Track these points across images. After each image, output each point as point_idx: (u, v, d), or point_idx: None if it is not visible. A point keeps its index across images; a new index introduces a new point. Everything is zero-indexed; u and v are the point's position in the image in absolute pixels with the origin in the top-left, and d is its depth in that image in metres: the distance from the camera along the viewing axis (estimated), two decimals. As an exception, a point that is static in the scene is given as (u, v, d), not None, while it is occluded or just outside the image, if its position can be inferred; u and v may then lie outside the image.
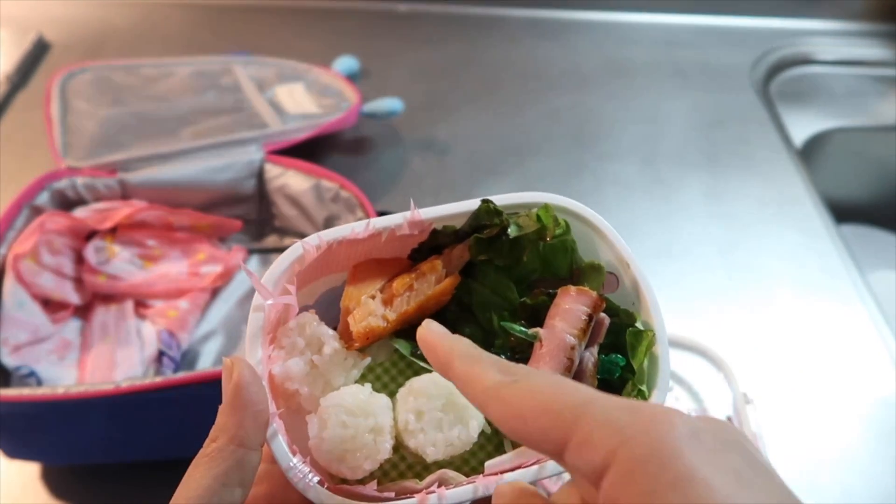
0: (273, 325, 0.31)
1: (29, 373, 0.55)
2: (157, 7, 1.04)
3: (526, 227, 0.33)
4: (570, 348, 0.31)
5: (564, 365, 0.30)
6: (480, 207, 0.33)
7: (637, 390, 0.31)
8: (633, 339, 0.32)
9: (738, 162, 0.84)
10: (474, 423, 0.31)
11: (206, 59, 0.84)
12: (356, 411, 0.30)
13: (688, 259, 0.73)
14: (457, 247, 0.34)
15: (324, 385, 0.31)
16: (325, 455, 0.30)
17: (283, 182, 0.68)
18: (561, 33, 1.03)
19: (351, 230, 0.32)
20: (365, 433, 0.30)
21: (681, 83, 0.95)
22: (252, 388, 0.27)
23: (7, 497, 0.54)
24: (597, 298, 0.32)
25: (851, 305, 0.70)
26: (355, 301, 0.32)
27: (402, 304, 0.32)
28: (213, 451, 0.26)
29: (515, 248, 0.34)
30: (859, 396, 0.62)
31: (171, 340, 0.59)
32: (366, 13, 1.04)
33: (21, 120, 0.86)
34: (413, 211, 0.33)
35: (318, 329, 0.32)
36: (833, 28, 1.04)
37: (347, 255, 0.34)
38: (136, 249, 0.64)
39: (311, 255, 0.32)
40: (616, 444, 0.19)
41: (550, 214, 0.34)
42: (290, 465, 0.28)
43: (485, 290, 0.35)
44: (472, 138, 0.86)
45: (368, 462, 0.30)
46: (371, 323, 0.32)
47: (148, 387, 0.48)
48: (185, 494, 0.25)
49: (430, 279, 0.33)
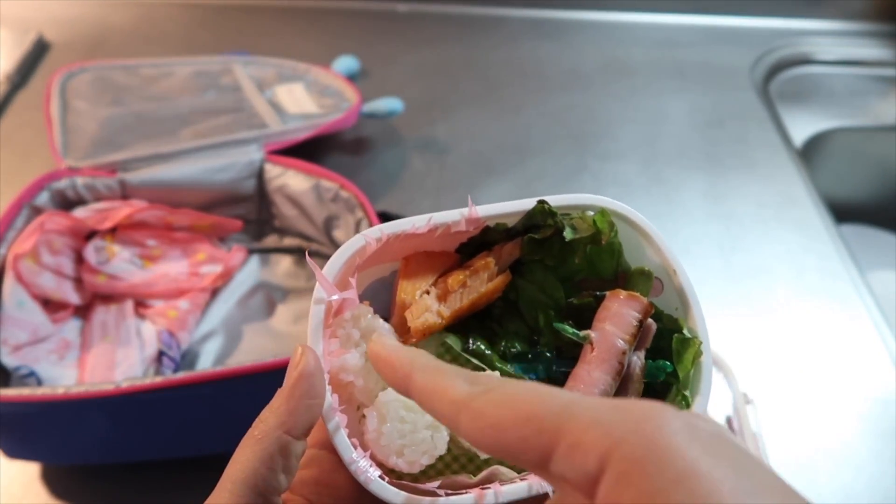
0: (326, 314, 0.32)
1: (29, 373, 0.55)
2: (156, 7, 1.04)
3: (581, 230, 0.34)
4: (622, 353, 0.31)
5: (616, 369, 0.31)
6: (535, 208, 0.34)
7: (681, 395, 0.32)
8: (680, 346, 0.32)
9: (738, 162, 0.84)
10: None
11: (206, 59, 0.84)
12: (414, 407, 0.30)
13: (687, 259, 0.73)
14: (507, 244, 0.35)
15: (378, 378, 0.32)
16: (383, 449, 0.30)
17: (283, 182, 0.68)
18: (561, 33, 1.03)
19: (412, 224, 0.33)
20: (423, 428, 0.30)
21: (681, 83, 0.95)
22: (314, 379, 0.27)
23: (7, 497, 0.54)
24: (647, 304, 0.32)
25: (851, 305, 0.70)
26: (411, 295, 0.33)
27: (456, 300, 0.33)
28: (261, 433, 0.26)
29: (567, 250, 0.34)
30: (859, 396, 0.62)
31: (171, 340, 0.59)
32: (366, 13, 1.04)
33: (21, 120, 0.86)
34: (471, 208, 0.33)
35: (374, 322, 0.32)
36: (833, 28, 1.04)
37: (399, 247, 0.34)
38: (136, 249, 0.64)
39: (371, 247, 0.32)
40: (609, 445, 0.18)
41: (606, 220, 0.34)
42: (352, 458, 0.29)
43: (532, 288, 0.35)
44: (472, 138, 0.86)
45: (426, 457, 0.30)
46: (429, 319, 0.32)
47: (148, 387, 0.48)
48: (233, 476, 0.25)
49: (483, 276, 0.34)
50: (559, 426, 0.19)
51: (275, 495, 0.26)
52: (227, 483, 0.25)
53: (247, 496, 0.25)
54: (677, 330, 0.33)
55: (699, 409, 0.31)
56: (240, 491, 0.25)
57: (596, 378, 0.31)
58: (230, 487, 0.25)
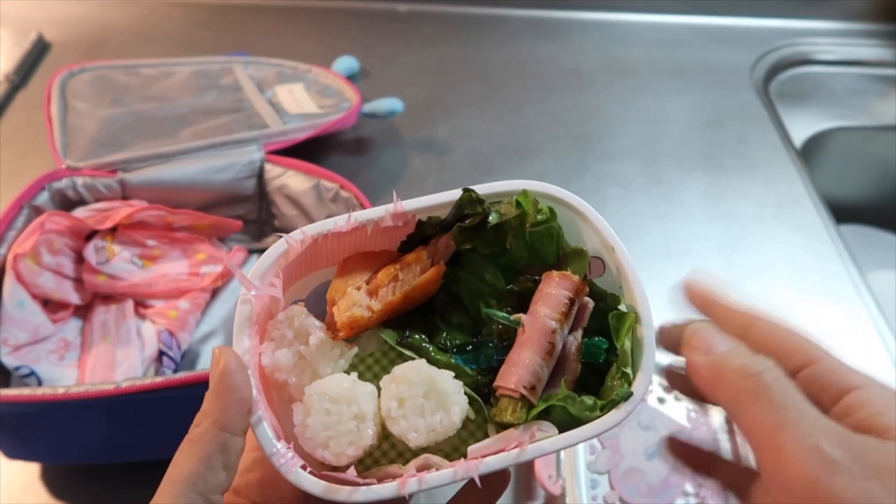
0: (262, 319, 0.32)
1: (29, 373, 0.55)
2: (156, 7, 1.04)
3: (507, 213, 0.34)
4: (552, 332, 0.31)
5: (545, 349, 0.31)
6: (462, 197, 0.34)
7: (621, 373, 0.31)
8: (616, 322, 0.32)
9: (738, 162, 0.84)
10: (457, 409, 0.31)
11: (206, 59, 0.84)
12: (339, 399, 0.31)
13: (687, 258, 0.73)
14: (443, 237, 0.35)
15: (311, 375, 0.32)
16: (309, 441, 0.30)
17: (283, 182, 0.68)
18: (561, 33, 1.03)
19: (334, 224, 0.33)
20: (348, 420, 0.30)
21: (681, 83, 0.95)
22: (237, 375, 0.28)
23: (7, 497, 0.55)
24: (579, 282, 0.32)
25: (851, 305, 0.70)
26: (341, 292, 0.33)
27: (387, 294, 0.33)
28: (198, 435, 0.27)
29: (499, 236, 0.34)
30: (859, 396, 0.62)
31: (171, 340, 0.59)
32: (366, 13, 1.04)
33: (21, 120, 0.86)
34: (396, 203, 0.33)
35: (306, 321, 0.32)
36: (833, 28, 1.04)
37: (336, 248, 0.34)
38: (136, 249, 0.64)
39: (295, 249, 0.32)
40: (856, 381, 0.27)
41: (530, 200, 0.34)
42: (273, 450, 0.29)
43: (472, 279, 0.35)
44: (472, 138, 0.86)
45: (352, 448, 0.30)
46: (355, 313, 0.32)
47: (148, 387, 0.48)
48: (172, 478, 0.26)
49: (415, 269, 0.34)
50: (777, 427, 0.26)
51: (216, 493, 0.26)
52: (167, 486, 0.26)
53: (186, 496, 0.25)
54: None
55: (641, 387, 0.30)
56: (178, 491, 0.25)
57: (526, 359, 0.31)
58: (170, 490, 0.25)
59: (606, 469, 0.51)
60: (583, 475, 0.51)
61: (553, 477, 0.52)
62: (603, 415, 0.30)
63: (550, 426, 0.30)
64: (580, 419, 0.31)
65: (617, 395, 0.30)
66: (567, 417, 0.31)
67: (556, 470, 0.52)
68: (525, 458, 0.29)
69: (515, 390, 0.31)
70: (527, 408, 0.31)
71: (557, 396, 0.31)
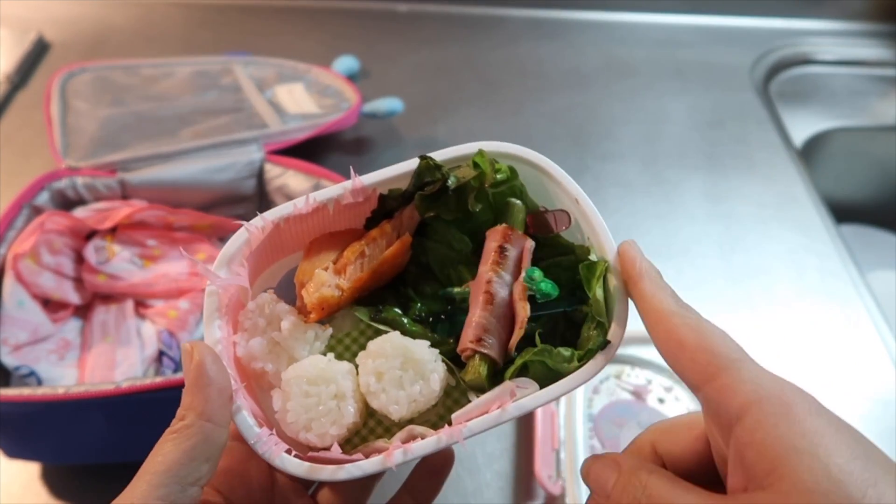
0: (233, 309, 0.32)
1: (29, 373, 0.55)
2: (156, 7, 1.04)
3: (465, 176, 0.34)
4: (487, 282, 0.32)
5: (485, 300, 0.32)
6: (420, 165, 0.34)
7: (596, 322, 0.31)
8: (587, 272, 0.31)
9: (738, 162, 0.84)
10: (435, 377, 0.31)
11: (206, 59, 0.84)
12: (317, 380, 0.31)
13: (687, 258, 0.73)
14: (406, 208, 0.35)
15: (288, 360, 0.32)
16: (291, 426, 0.30)
17: (283, 182, 0.68)
18: (561, 33, 1.03)
19: (293, 206, 0.33)
20: (328, 400, 0.30)
21: (681, 83, 0.95)
22: (213, 367, 0.28)
23: (7, 497, 0.55)
24: (503, 229, 0.33)
25: (851, 305, 0.70)
26: (308, 274, 0.33)
27: (355, 271, 0.33)
28: (182, 427, 0.27)
29: (461, 200, 0.34)
30: (859, 396, 0.62)
31: (171, 340, 0.59)
32: (366, 13, 1.04)
33: (21, 120, 0.86)
34: (354, 178, 0.33)
35: (276, 307, 0.32)
36: (833, 28, 1.04)
37: (301, 233, 0.34)
38: (136, 249, 0.64)
39: (256, 236, 0.32)
40: (755, 398, 0.24)
41: (486, 159, 0.34)
42: (255, 437, 0.29)
43: (440, 247, 0.35)
44: (472, 138, 0.84)
45: (335, 427, 0.30)
46: (324, 293, 0.32)
47: (148, 387, 0.48)
48: (153, 468, 0.26)
49: (381, 243, 0.34)
50: (725, 367, 0.25)
51: (195, 486, 0.26)
52: (146, 475, 0.26)
53: (166, 485, 0.25)
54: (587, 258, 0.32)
55: (617, 335, 0.30)
56: (158, 481, 0.25)
57: (473, 316, 0.32)
58: (149, 479, 0.25)
59: (606, 469, 0.51)
60: (583, 475, 0.51)
61: (553, 477, 0.52)
62: (581, 366, 0.30)
63: (531, 382, 0.30)
64: (559, 372, 0.30)
65: (594, 344, 0.30)
66: (546, 371, 0.31)
67: (556, 470, 0.52)
68: (507, 416, 0.29)
69: (466, 349, 0.31)
70: (486, 362, 0.31)
71: (533, 351, 0.30)
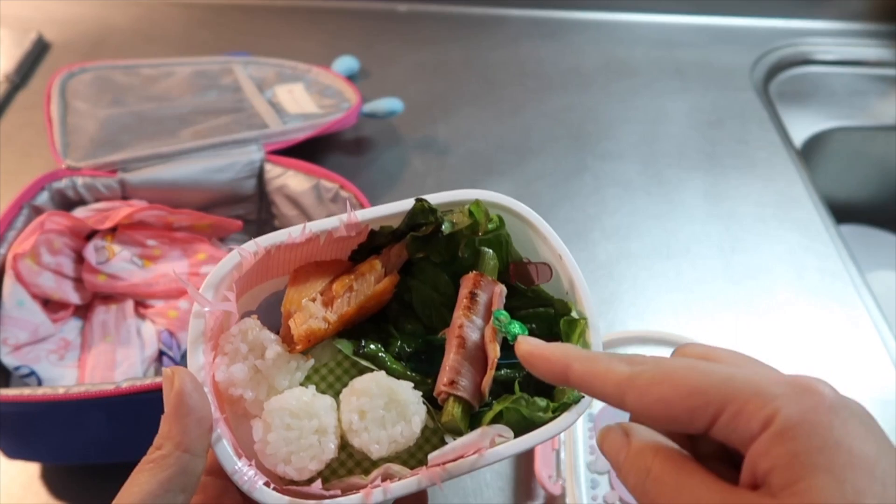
0: (215, 332, 0.32)
1: (29, 373, 0.55)
2: (156, 7, 1.04)
3: (459, 223, 0.35)
4: (458, 327, 0.32)
5: (458, 343, 0.32)
6: (415, 207, 0.34)
7: None
8: (567, 328, 0.33)
9: (738, 162, 0.84)
10: (416, 419, 0.31)
11: (206, 59, 0.84)
12: (300, 413, 0.30)
13: (687, 258, 0.73)
14: (395, 246, 0.35)
15: (268, 389, 0.32)
16: (270, 458, 0.30)
17: (283, 182, 0.68)
18: (561, 33, 1.03)
19: (288, 235, 0.33)
20: (309, 434, 0.30)
21: (681, 83, 0.95)
22: (194, 395, 0.27)
23: (7, 497, 0.55)
24: (474, 276, 0.33)
25: (851, 305, 0.70)
26: (296, 304, 0.33)
27: (342, 304, 0.33)
28: (159, 457, 0.26)
29: (451, 245, 0.35)
30: (859, 396, 0.62)
31: (171, 340, 0.59)
32: (366, 13, 1.04)
33: (21, 120, 0.86)
34: (349, 213, 0.33)
35: (261, 334, 0.32)
36: (833, 28, 1.04)
37: (288, 259, 0.34)
38: (136, 249, 0.64)
39: (248, 261, 0.32)
40: (770, 412, 0.21)
41: (482, 209, 0.35)
42: (234, 468, 0.29)
43: (424, 288, 0.36)
44: (471, 138, 0.86)
45: (314, 462, 0.30)
46: (312, 325, 0.32)
47: (148, 387, 0.48)
48: (126, 499, 0.26)
49: (370, 279, 0.34)
50: (723, 397, 0.22)
51: None
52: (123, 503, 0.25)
53: None
54: (567, 313, 0.33)
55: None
56: None
57: (448, 361, 0.32)
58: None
59: (606, 469, 0.51)
60: (583, 475, 0.51)
61: (553, 477, 0.52)
62: (556, 416, 0.31)
63: (508, 430, 0.31)
64: (533, 421, 0.31)
65: (569, 398, 0.31)
66: (521, 419, 0.31)
67: (556, 470, 0.52)
68: (484, 462, 0.30)
69: (440, 392, 0.32)
70: (460, 405, 0.31)
71: (511, 399, 0.31)
